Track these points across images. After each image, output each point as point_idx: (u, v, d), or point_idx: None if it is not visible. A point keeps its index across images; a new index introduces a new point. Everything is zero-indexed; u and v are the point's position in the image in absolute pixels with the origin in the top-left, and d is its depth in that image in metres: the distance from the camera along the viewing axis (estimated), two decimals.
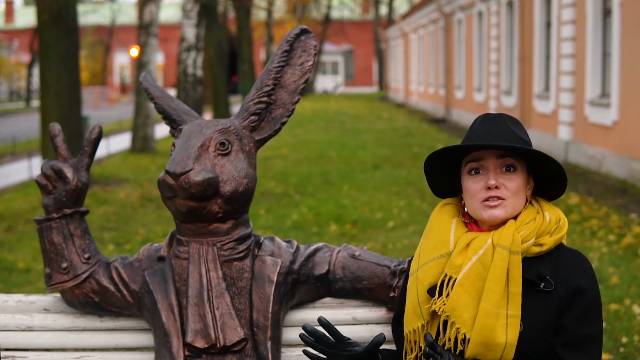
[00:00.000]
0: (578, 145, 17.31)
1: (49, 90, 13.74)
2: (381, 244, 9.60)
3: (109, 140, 22.67)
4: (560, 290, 2.36)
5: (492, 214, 2.39)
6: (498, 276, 2.30)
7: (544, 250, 2.40)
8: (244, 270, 2.77)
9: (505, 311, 2.29)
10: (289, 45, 2.87)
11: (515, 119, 2.50)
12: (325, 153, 20.23)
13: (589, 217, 11.10)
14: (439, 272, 2.41)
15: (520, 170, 2.42)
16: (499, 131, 2.42)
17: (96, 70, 69.92)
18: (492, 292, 2.29)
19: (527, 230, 2.37)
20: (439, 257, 2.43)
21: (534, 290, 2.35)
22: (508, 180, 2.40)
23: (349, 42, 72.63)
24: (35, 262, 9.06)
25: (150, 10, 21.33)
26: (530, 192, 2.48)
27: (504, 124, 2.44)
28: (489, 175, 2.40)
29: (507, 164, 2.41)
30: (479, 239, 2.38)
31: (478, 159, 2.42)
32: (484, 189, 2.40)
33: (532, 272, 2.36)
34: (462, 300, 2.34)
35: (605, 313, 6.83)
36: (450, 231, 2.45)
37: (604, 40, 16.47)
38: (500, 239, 2.34)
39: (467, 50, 30.49)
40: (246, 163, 2.77)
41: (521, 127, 2.49)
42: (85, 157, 2.92)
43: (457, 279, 2.35)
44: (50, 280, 2.89)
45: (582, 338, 2.34)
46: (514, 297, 2.30)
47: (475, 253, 2.36)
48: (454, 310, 2.34)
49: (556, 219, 2.44)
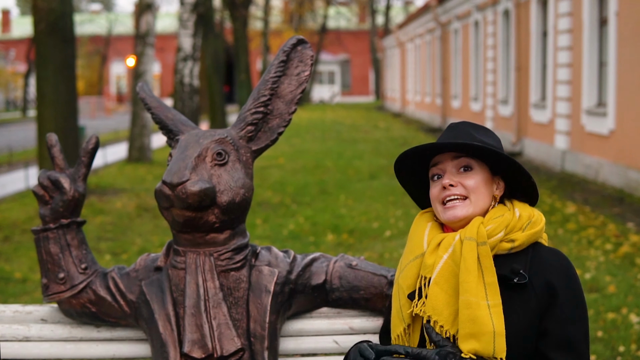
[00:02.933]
0: (575, 154, 17.33)
1: (46, 100, 13.74)
2: (378, 253, 9.60)
3: (106, 150, 22.67)
4: (538, 287, 2.36)
5: (451, 214, 2.44)
6: (469, 267, 2.32)
7: (517, 247, 2.40)
8: (241, 280, 2.77)
9: (485, 301, 2.30)
10: (285, 56, 2.88)
11: (480, 125, 2.55)
12: (322, 163, 20.23)
13: (585, 226, 11.10)
14: (415, 273, 2.45)
15: (479, 169, 2.46)
16: (455, 136, 2.48)
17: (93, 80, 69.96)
18: (467, 283, 2.31)
19: (495, 224, 2.39)
20: (414, 258, 2.47)
21: (509, 287, 2.36)
22: (465, 179, 2.44)
23: (345, 52, 72.69)
24: (32, 272, 9.04)
25: (147, 20, 21.35)
26: (500, 193, 2.51)
27: (464, 129, 2.50)
28: (445, 176, 2.46)
29: (462, 164, 2.46)
30: (449, 237, 2.42)
31: (436, 163, 2.49)
32: (442, 190, 2.45)
33: (506, 268, 2.38)
34: (440, 298, 2.36)
35: (602, 322, 6.84)
36: (425, 233, 2.50)
37: (600, 50, 16.51)
38: (466, 233, 2.37)
39: (464, 60, 30.53)
40: (243, 173, 2.77)
41: (486, 132, 2.53)
42: (82, 167, 2.92)
43: (432, 278, 2.39)
44: (47, 290, 2.89)
45: (568, 338, 2.35)
46: (491, 287, 2.32)
47: (445, 251, 2.39)
48: (435, 309, 2.37)
49: (528, 216, 2.45)
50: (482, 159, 2.46)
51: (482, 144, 2.41)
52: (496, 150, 2.41)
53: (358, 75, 75.02)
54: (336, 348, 2.93)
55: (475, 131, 2.50)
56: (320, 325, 2.91)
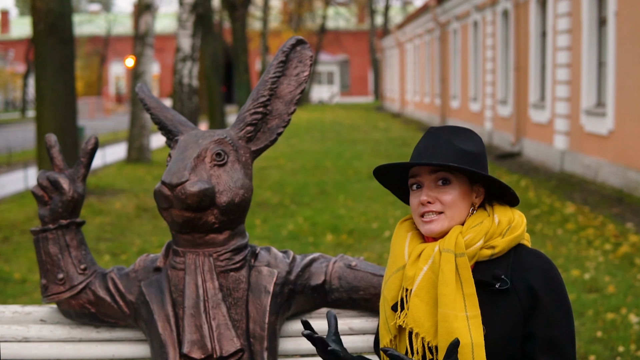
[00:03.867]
0: (574, 154, 17.33)
1: (45, 100, 13.73)
2: (377, 254, 9.60)
3: (105, 150, 22.66)
4: (520, 291, 2.37)
5: (427, 229, 2.45)
6: (446, 280, 2.33)
7: (498, 253, 2.41)
8: (240, 280, 2.77)
9: (464, 313, 2.31)
10: (284, 56, 2.88)
11: (461, 129, 2.52)
12: (321, 163, 20.23)
13: (585, 226, 11.10)
14: (398, 285, 2.46)
15: (457, 182, 2.45)
16: (435, 145, 2.46)
17: (92, 80, 69.91)
18: (444, 296, 2.32)
19: (473, 233, 2.40)
20: (397, 270, 2.48)
21: (491, 292, 2.37)
22: (443, 194, 2.44)
23: (344, 52, 72.70)
24: (31, 273, 9.04)
25: (146, 21, 21.34)
26: (479, 201, 2.50)
27: (444, 138, 2.47)
28: (422, 191, 2.46)
29: (440, 177, 2.45)
30: (429, 248, 2.43)
31: (415, 174, 2.49)
32: (420, 205, 2.46)
33: (488, 274, 2.39)
34: (421, 310, 2.38)
35: (601, 322, 6.84)
36: (405, 244, 2.50)
37: (599, 50, 16.51)
38: (445, 244, 2.38)
39: (463, 60, 30.53)
40: (242, 173, 2.77)
41: (466, 136, 2.50)
42: (81, 168, 2.92)
43: (412, 290, 2.40)
44: (46, 291, 2.89)
45: (553, 340, 2.35)
46: (469, 298, 2.33)
47: (425, 262, 2.40)
48: (416, 321, 2.38)
49: (508, 221, 2.44)
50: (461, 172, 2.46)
51: (457, 165, 2.39)
52: (471, 170, 2.40)
53: (357, 76, 75.00)
54: None
55: (456, 137, 2.47)
56: (319, 325, 2.90)
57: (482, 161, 2.47)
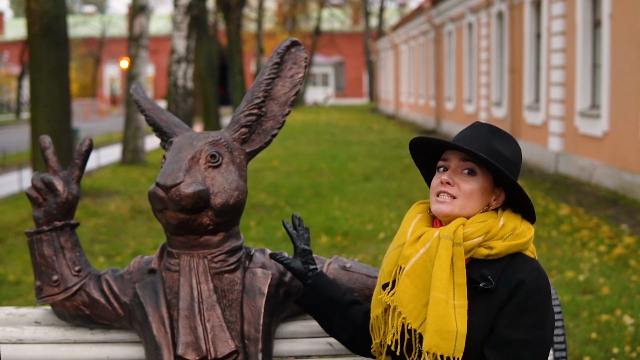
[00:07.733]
0: (568, 156, 17.35)
1: (39, 102, 13.71)
2: (372, 255, 9.60)
3: (99, 152, 22.64)
4: (501, 294, 2.38)
5: (437, 208, 2.48)
6: (442, 265, 2.36)
7: (494, 255, 2.42)
8: (234, 282, 2.76)
9: (452, 301, 2.34)
10: (279, 58, 2.88)
11: (502, 132, 2.55)
12: (316, 165, 20.23)
13: (579, 228, 11.12)
14: (395, 261, 2.51)
15: (481, 177, 2.48)
16: (473, 138, 2.51)
17: (86, 82, 69.88)
18: (439, 280, 2.35)
19: (474, 228, 2.42)
20: (398, 246, 2.52)
21: (475, 290, 2.39)
22: (464, 182, 2.47)
23: (339, 54, 72.74)
24: (25, 274, 9.02)
25: (141, 22, 21.33)
26: (497, 204, 2.52)
27: (483, 133, 2.52)
28: (447, 173, 2.49)
29: (468, 167, 2.48)
30: (429, 232, 2.47)
31: (445, 158, 2.53)
32: (439, 184, 2.49)
33: (476, 271, 2.41)
34: (409, 291, 2.41)
35: (596, 324, 6.85)
36: (412, 224, 2.55)
37: (593, 52, 16.54)
38: (445, 231, 2.41)
39: (457, 62, 30.56)
40: (237, 175, 2.77)
41: (505, 140, 2.53)
42: (75, 170, 2.91)
43: (405, 270, 2.43)
44: (40, 292, 2.89)
45: (504, 339, 2.36)
46: (459, 288, 2.36)
47: (423, 245, 2.44)
48: (401, 301, 2.42)
49: (513, 227, 2.46)
50: (488, 168, 2.48)
51: (486, 157, 2.42)
52: (496, 166, 2.42)
53: (352, 78, 75.03)
54: (330, 350, 2.93)
55: (495, 137, 2.51)
56: (314, 327, 2.91)
57: (512, 168, 2.49)
